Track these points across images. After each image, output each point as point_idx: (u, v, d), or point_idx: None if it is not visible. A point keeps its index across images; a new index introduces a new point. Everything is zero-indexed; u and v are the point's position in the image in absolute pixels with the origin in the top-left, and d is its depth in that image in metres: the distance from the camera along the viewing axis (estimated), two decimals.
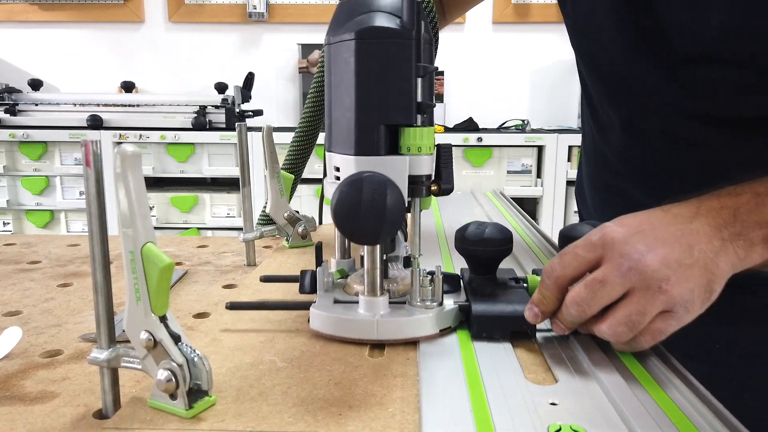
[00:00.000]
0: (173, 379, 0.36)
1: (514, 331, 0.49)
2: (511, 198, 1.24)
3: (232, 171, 2.33)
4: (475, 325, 0.49)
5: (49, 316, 0.58)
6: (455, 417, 0.36)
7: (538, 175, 2.36)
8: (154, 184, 2.44)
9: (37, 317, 0.58)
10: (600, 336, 0.45)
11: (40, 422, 0.38)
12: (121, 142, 2.27)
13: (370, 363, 0.45)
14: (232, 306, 0.55)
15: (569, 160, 2.26)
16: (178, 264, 0.78)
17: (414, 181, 0.47)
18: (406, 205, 0.46)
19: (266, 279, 0.65)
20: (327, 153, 0.50)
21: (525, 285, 0.54)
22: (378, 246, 0.49)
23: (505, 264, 0.57)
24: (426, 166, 0.47)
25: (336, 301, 0.52)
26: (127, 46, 2.76)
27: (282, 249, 0.82)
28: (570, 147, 2.25)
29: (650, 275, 0.42)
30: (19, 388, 0.43)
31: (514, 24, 2.68)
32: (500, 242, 0.52)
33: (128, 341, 0.38)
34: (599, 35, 0.65)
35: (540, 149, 2.34)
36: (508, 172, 2.36)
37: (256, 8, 2.62)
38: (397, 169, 0.46)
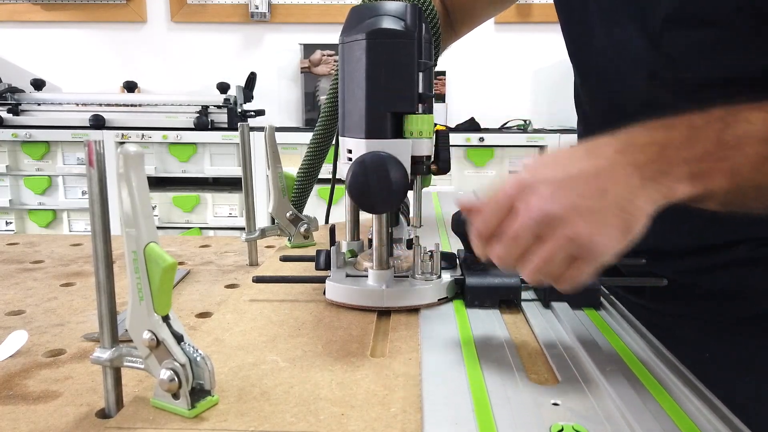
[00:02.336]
0: (176, 379, 0.36)
1: (502, 300, 0.58)
2: None
3: (234, 171, 2.33)
4: (468, 295, 0.58)
5: (51, 316, 0.59)
6: (457, 417, 0.36)
7: None
8: (157, 183, 2.44)
9: (39, 317, 0.58)
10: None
11: (43, 421, 0.39)
12: (123, 142, 2.28)
13: (372, 363, 0.45)
14: (259, 280, 0.63)
15: None
16: (180, 264, 0.78)
17: (415, 161, 0.54)
18: (409, 180, 0.53)
19: (285, 258, 0.73)
20: (341, 138, 0.57)
21: None
22: (384, 225, 0.57)
23: None
24: (426, 148, 0.54)
25: (348, 275, 0.60)
26: (130, 46, 2.76)
27: (284, 249, 0.82)
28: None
29: (555, 224, 0.43)
30: (21, 388, 0.43)
31: (516, 24, 2.68)
32: None
33: (131, 341, 0.38)
34: (582, 7, 0.68)
35: (542, 149, 2.34)
36: (510, 172, 2.36)
37: (258, 8, 2.62)
38: (401, 150, 0.53)
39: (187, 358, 0.37)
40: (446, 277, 0.59)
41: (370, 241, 0.59)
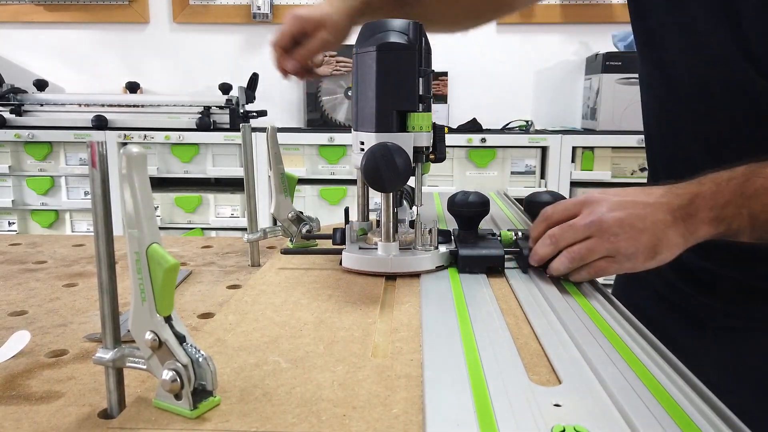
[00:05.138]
0: (178, 380, 0.36)
1: (489, 267, 0.68)
2: (515, 199, 1.24)
3: (236, 171, 2.33)
4: (461, 263, 0.68)
5: (54, 316, 0.59)
6: (459, 418, 0.36)
7: (542, 176, 2.36)
8: (159, 184, 2.44)
9: (42, 317, 0.59)
10: (557, 266, 0.62)
11: (45, 422, 0.39)
12: (125, 143, 2.28)
13: (374, 364, 0.45)
14: (286, 251, 0.76)
15: (573, 161, 2.26)
16: (182, 264, 0.78)
17: (417, 150, 0.65)
18: (412, 166, 0.63)
19: (308, 237, 0.80)
20: (354, 132, 0.67)
21: (499, 238, 0.73)
22: (391, 204, 0.67)
23: (487, 226, 0.77)
24: (425, 139, 0.66)
25: (360, 248, 0.70)
26: (132, 47, 2.77)
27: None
28: (574, 148, 2.25)
29: (605, 229, 0.59)
30: (24, 388, 0.44)
31: (518, 25, 2.67)
32: (480, 204, 0.71)
33: (133, 341, 0.38)
34: (695, 28, 0.68)
35: (544, 150, 2.34)
36: (512, 173, 2.36)
37: (260, 9, 2.62)
38: (404, 142, 0.63)
39: (189, 359, 0.37)
40: (442, 248, 0.69)
41: (378, 222, 0.71)
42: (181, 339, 0.37)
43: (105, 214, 0.37)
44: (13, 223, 2.43)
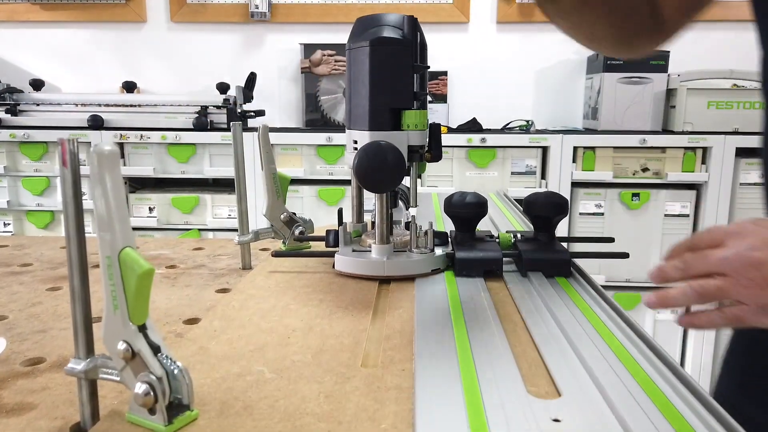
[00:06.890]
0: (151, 393, 0.34)
1: (487, 270, 0.65)
2: (515, 199, 1.21)
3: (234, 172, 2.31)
4: (457, 266, 0.65)
5: (34, 322, 0.57)
6: None
7: (543, 177, 2.34)
8: (155, 184, 2.42)
9: (22, 323, 0.56)
10: (673, 294, 0.51)
11: None
12: (122, 143, 2.26)
13: (363, 374, 0.43)
14: (277, 254, 0.73)
15: (574, 161, 2.24)
16: (171, 267, 0.76)
17: (412, 150, 0.63)
18: (406, 165, 0.61)
19: (300, 239, 0.79)
20: (348, 130, 0.65)
21: (497, 240, 0.70)
22: (385, 205, 0.65)
23: (486, 228, 0.75)
24: (420, 138, 0.63)
25: (354, 251, 0.68)
26: (129, 46, 2.75)
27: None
28: (575, 148, 2.22)
29: (739, 268, 0.47)
30: None
31: (518, 24, 2.65)
32: (477, 205, 0.68)
33: None
34: None
35: (545, 150, 2.32)
36: (513, 173, 2.33)
37: (258, 8, 2.60)
38: (399, 140, 0.61)
39: (163, 371, 0.34)
40: (439, 251, 0.67)
41: (373, 224, 0.68)
42: (155, 349, 0.35)
43: (77, 216, 0.35)
44: (9, 224, 2.41)
